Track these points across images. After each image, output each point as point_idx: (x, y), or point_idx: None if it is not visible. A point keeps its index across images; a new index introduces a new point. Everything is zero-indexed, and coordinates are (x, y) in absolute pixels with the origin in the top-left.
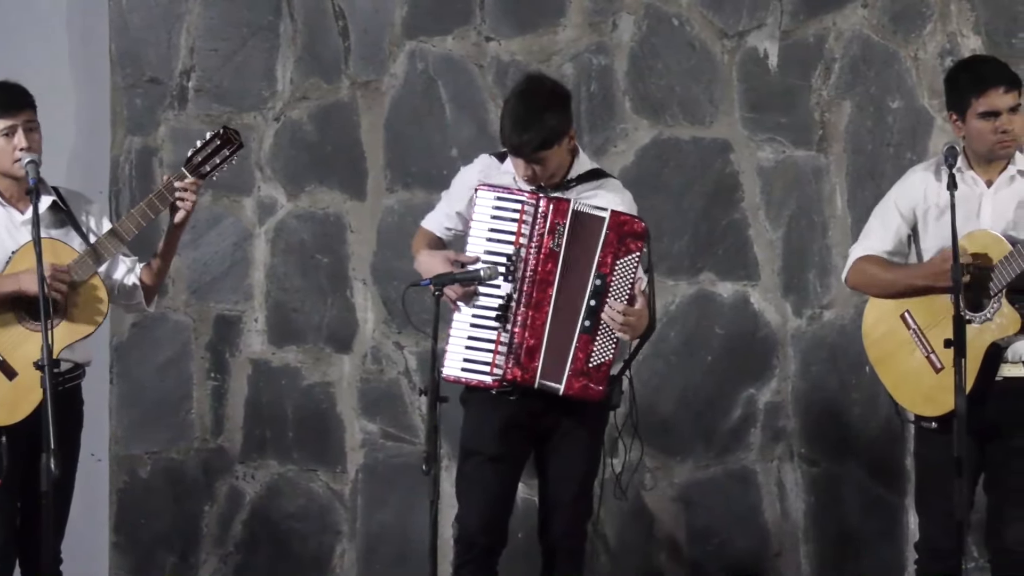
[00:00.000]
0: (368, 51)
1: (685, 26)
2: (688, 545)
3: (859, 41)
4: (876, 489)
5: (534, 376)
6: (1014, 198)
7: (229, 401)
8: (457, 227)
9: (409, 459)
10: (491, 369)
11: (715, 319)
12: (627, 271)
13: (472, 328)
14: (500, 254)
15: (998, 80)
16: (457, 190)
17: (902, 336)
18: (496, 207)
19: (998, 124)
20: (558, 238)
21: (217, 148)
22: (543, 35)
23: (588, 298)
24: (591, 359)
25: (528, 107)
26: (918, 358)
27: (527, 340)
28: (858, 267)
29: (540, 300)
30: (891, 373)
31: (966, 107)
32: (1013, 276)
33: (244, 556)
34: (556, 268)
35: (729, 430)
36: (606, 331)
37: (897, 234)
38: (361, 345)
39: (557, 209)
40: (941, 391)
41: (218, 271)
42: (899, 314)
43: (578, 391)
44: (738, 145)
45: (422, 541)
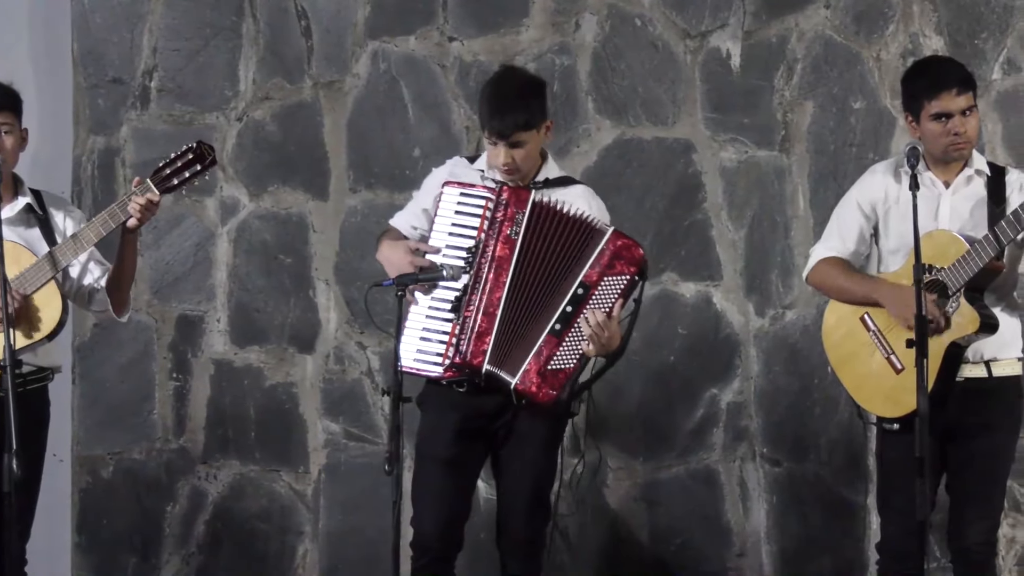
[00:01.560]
0: (331, 51)
1: (648, 26)
2: (650, 545)
3: (821, 42)
4: (838, 489)
5: (482, 361)
6: (971, 198)
7: (191, 401)
8: (423, 226)
9: (372, 459)
10: (443, 360)
11: (677, 319)
12: (612, 289)
13: (427, 320)
14: (461, 248)
15: (950, 82)
16: (426, 189)
17: (862, 338)
18: (460, 202)
19: (950, 126)
20: (516, 226)
21: (189, 163)
22: (506, 35)
23: (566, 303)
24: (552, 362)
25: (509, 89)
26: (878, 360)
27: (480, 323)
28: (820, 268)
29: (494, 286)
30: (852, 375)
31: (919, 109)
32: (971, 275)
33: (206, 556)
34: (512, 255)
35: (691, 430)
36: (574, 339)
37: (860, 233)
38: (324, 345)
39: (517, 198)
40: (902, 392)
41: (180, 271)
42: (859, 316)
43: (529, 389)
44: (700, 145)
45: (385, 541)
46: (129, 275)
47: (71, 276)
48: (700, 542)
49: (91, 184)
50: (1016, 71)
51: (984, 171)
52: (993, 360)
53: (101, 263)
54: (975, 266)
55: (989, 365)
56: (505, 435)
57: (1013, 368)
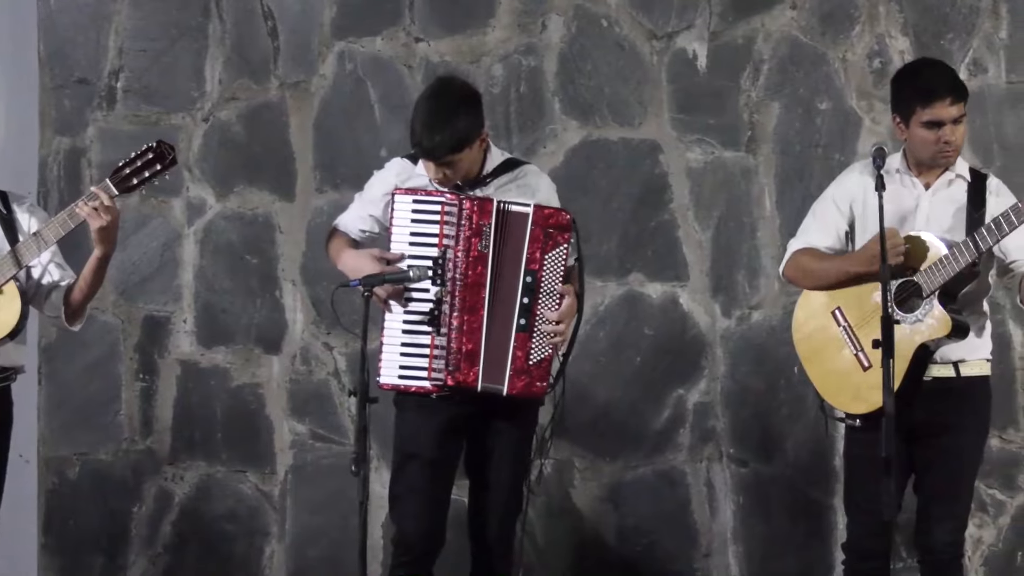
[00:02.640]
0: (297, 52)
1: (614, 27)
2: (617, 545)
3: (788, 42)
4: (804, 489)
5: (476, 380)
6: (951, 202)
7: (158, 402)
8: (372, 230)
9: (338, 460)
10: (428, 374)
11: (644, 320)
12: (556, 265)
13: (404, 334)
14: (424, 257)
15: (945, 91)
16: (372, 193)
17: (832, 333)
18: (415, 210)
19: (941, 134)
20: (485, 239)
21: (149, 162)
22: (472, 36)
23: (520, 296)
24: (531, 356)
25: (438, 110)
26: (847, 356)
27: (465, 345)
28: (794, 259)
29: (474, 304)
30: (819, 370)
31: (911, 114)
32: (947, 279)
33: (173, 557)
34: (486, 270)
35: (658, 431)
36: (541, 327)
37: (836, 230)
38: (290, 346)
39: (482, 210)
40: (868, 389)
41: (147, 272)
42: (830, 311)
43: (522, 390)
44: (667, 146)
45: (351, 542)
46: (91, 293)
47: (32, 276)
48: (667, 543)
49: (57, 185)
50: (982, 72)
51: (965, 176)
52: (961, 361)
53: (62, 267)
54: (951, 270)
55: (957, 366)
56: (482, 433)
57: (981, 369)
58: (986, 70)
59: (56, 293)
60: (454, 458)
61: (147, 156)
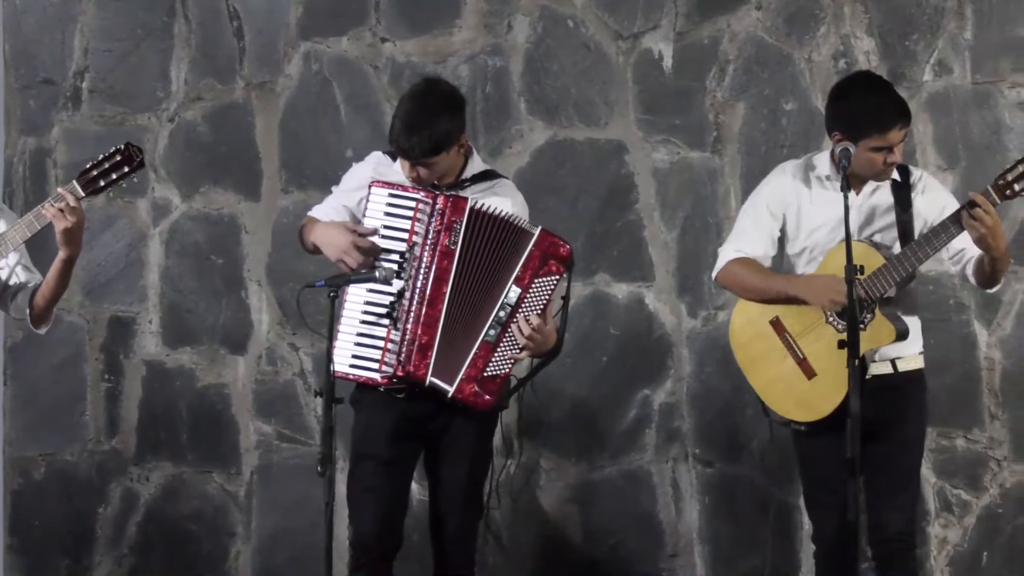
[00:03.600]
0: (263, 52)
1: (580, 27)
2: (583, 546)
3: (753, 43)
4: (770, 489)
5: (426, 373)
6: (879, 204)
7: (123, 403)
8: (341, 219)
9: (304, 460)
10: (380, 366)
11: (610, 320)
12: (543, 290)
13: (362, 324)
14: (392, 251)
15: (900, 118)
16: (348, 185)
17: (772, 341)
18: (390, 204)
19: (890, 158)
20: (454, 236)
21: (116, 164)
22: (438, 36)
23: (498, 309)
24: (488, 368)
25: (420, 110)
26: (790, 364)
27: (420, 337)
28: (730, 268)
29: (434, 297)
30: (761, 377)
31: (861, 137)
32: (887, 289)
33: (138, 558)
34: (451, 266)
35: (624, 431)
36: (509, 344)
37: (770, 235)
38: (256, 346)
39: (455, 207)
40: (814, 397)
41: (112, 272)
42: (768, 319)
43: (468, 396)
44: (633, 146)
45: (317, 542)
46: (56, 295)
47: None
48: (633, 543)
49: (23, 185)
50: (947, 72)
51: (893, 175)
52: (898, 357)
53: (28, 269)
54: (893, 280)
55: (894, 362)
56: (439, 434)
57: (917, 363)
58: (951, 71)
59: (22, 295)
60: (410, 458)
61: (115, 158)
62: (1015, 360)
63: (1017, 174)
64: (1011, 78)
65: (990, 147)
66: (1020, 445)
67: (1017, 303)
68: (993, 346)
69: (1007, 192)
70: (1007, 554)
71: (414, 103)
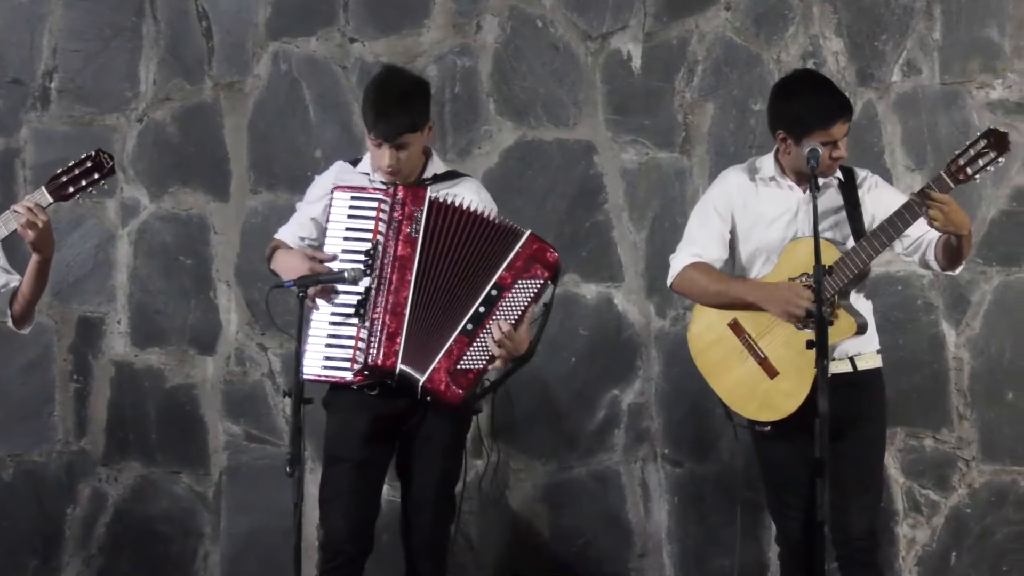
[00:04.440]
0: (231, 52)
1: (549, 28)
2: (552, 546)
3: (722, 43)
4: (738, 489)
5: (395, 361)
6: (827, 203)
7: (92, 403)
8: (311, 235)
9: (273, 461)
10: (351, 364)
11: (579, 320)
12: (525, 292)
13: (332, 326)
14: (358, 252)
15: (841, 113)
16: (313, 196)
17: (732, 344)
18: (352, 207)
19: (835, 153)
20: (415, 225)
21: (87, 171)
22: (407, 36)
23: (479, 304)
24: (461, 362)
25: (392, 91)
26: (751, 365)
27: (388, 325)
28: (686, 275)
29: (399, 285)
30: (723, 380)
31: (804, 134)
32: (844, 282)
33: (107, 558)
34: (414, 254)
35: (593, 431)
36: (485, 341)
37: (720, 238)
38: (225, 347)
39: (414, 196)
40: (778, 396)
41: (80, 273)
42: (727, 323)
43: (437, 387)
44: (602, 147)
45: (286, 543)
46: (35, 296)
47: None
48: (602, 543)
49: None
50: (916, 73)
51: (838, 176)
52: (857, 355)
53: (7, 270)
54: (850, 272)
55: (853, 360)
56: (412, 435)
57: (874, 361)
58: (920, 71)
59: (1, 298)
60: (382, 460)
61: (85, 164)
62: (983, 360)
63: (969, 158)
64: (979, 78)
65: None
66: (988, 445)
67: (986, 303)
68: (961, 346)
69: (960, 176)
70: (975, 554)
71: (383, 87)
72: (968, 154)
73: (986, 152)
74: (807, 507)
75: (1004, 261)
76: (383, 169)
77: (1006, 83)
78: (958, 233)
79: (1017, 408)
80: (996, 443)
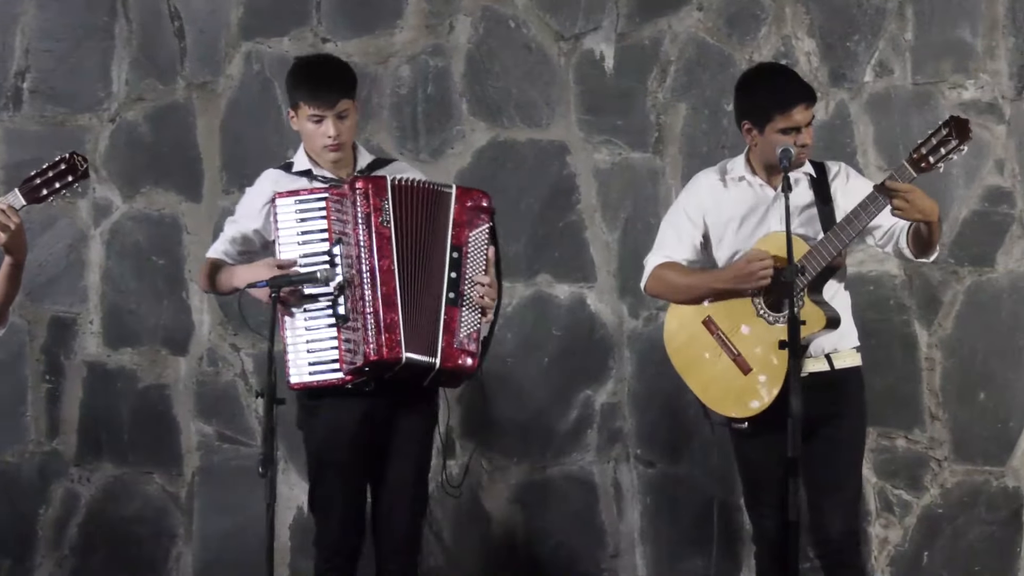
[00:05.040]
0: (204, 52)
1: (522, 28)
2: (525, 547)
3: (694, 44)
4: (711, 489)
5: (400, 352)
6: (799, 200)
7: (64, 404)
8: (250, 249)
9: (245, 462)
10: (341, 365)
11: (552, 321)
12: (480, 242)
13: (308, 332)
14: (319, 253)
15: (801, 97)
16: (245, 210)
17: (706, 341)
18: (300, 210)
19: (798, 139)
20: (385, 215)
21: (61, 173)
22: (380, 37)
23: (448, 271)
24: (462, 329)
25: (321, 62)
26: (725, 362)
27: (384, 318)
28: (656, 274)
29: (385, 277)
30: (699, 378)
31: (766, 121)
32: (813, 275)
33: (80, 559)
34: (391, 243)
35: (566, 431)
36: (470, 302)
37: (692, 242)
38: (197, 347)
39: (376, 186)
40: (751, 393)
41: (53, 273)
42: (700, 320)
43: (456, 363)
44: (575, 147)
45: (259, 544)
46: (8, 299)
47: None
48: (574, 543)
49: None
50: (888, 73)
51: (809, 172)
52: (833, 352)
53: None
54: (818, 265)
55: (830, 358)
56: (388, 432)
57: (853, 359)
58: (892, 71)
59: None
60: (368, 458)
61: (59, 167)
62: (955, 360)
63: (931, 147)
64: (952, 79)
65: None
66: (960, 445)
67: (958, 303)
68: (934, 346)
69: (923, 164)
70: (947, 554)
71: (310, 63)
72: (930, 143)
73: (948, 140)
74: (782, 506)
75: (976, 261)
76: (328, 145)
77: (978, 83)
78: (926, 220)
79: (989, 408)
80: (968, 443)
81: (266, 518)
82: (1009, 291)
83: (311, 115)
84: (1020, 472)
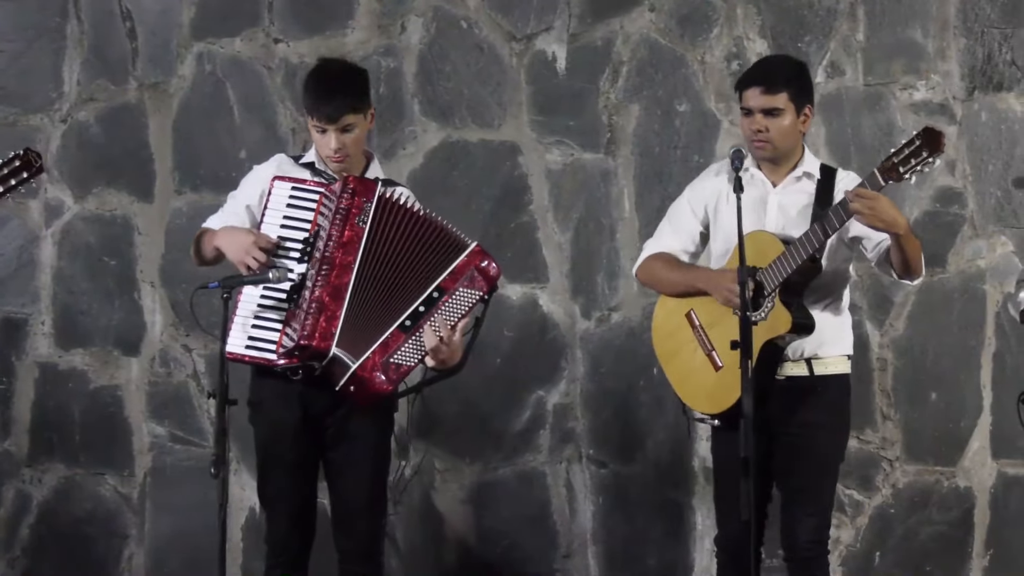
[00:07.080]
0: (156, 53)
1: (473, 29)
2: (478, 547)
3: (646, 44)
4: (663, 490)
5: (330, 344)
6: (799, 199)
7: (15, 404)
8: (244, 224)
9: (198, 462)
10: (277, 348)
11: (504, 321)
12: (465, 300)
13: (260, 308)
14: (294, 241)
15: (752, 80)
16: (248, 186)
17: (686, 334)
18: (292, 196)
19: (751, 123)
20: (364, 215)
21: (15, 170)
22: (332, 37)
23: (419, 303)
24: (395, 355)
25: (332, 73)
26: (700, 357)
27: (327, 306)
28: (647, 263)
29: (342, 271)
30: (676, 370)
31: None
32: (785, 276)
33: (31, 560)
34: (359, 241)
35: (518, 432)
36: (420, 340)
37: (690, 233)
38: (149, 348)
39: (364, 187)
40: (721, 389)
41: (4, 273)
42: (684, 312)
43: (368, 375)
44: (526, 148)
45: (211, 544)
46: None
47: None
48: (527, 544)
49: None
50: (839, 74)
51: (815, 174)
52: (814, 358)
53: None
54: (790, 267)
55: (810, 363)
56: (336, 436)
57: (838, 366)
58: (843, 72)
59: None
60: (315, 457)
61: (13, 164)
62: (907, 361)
63: (902, 157)
64: (903, 79)
65: (882, 148)
66: (912, 445)
67: (909, 304)
68: (885, 347)
69: (892, 175)
70: (899, 554)
71: (322, 71)
72: (902, 152)
73: (919, 151)
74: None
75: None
76: (330, 156)
77: (929, 84)
78: (889, 231)
79: (940, 409)
80: (919, 443)
81: (218, 519)
82: (960, 291)
83: (315, 125)
84: (971, 472)
